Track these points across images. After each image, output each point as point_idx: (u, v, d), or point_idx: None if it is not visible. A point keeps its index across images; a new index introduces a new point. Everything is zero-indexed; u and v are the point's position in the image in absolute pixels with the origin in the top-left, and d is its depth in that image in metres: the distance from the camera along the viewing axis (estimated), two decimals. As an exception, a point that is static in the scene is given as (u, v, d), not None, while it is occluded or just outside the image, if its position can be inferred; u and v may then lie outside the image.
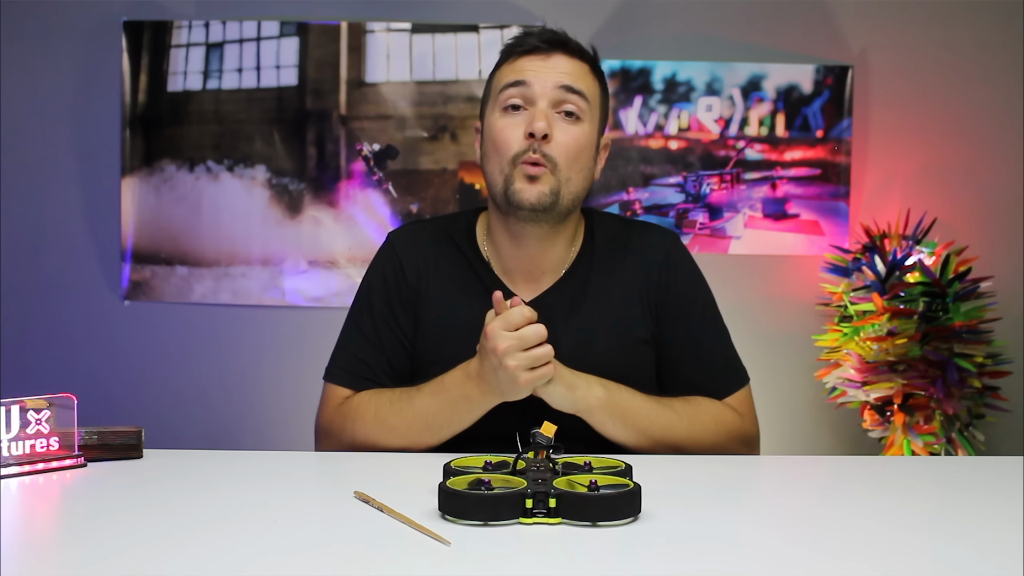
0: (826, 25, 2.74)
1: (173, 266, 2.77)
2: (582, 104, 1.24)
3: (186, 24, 2.75)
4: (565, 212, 1.26)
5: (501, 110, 1.25)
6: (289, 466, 1.15)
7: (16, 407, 1.08)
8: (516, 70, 1.24)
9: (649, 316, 1.31)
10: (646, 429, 1.21)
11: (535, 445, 0.98)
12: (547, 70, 1.23)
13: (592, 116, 1.26)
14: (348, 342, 1.34)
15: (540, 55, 1.24)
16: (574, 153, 1.23)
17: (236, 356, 2.78)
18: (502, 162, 1.23)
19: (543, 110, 1.22)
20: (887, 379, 2.40)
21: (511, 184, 1.22)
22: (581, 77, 1.25)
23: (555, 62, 1.24)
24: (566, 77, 1.23)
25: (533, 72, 1.23)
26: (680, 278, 1.33)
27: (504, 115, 1.24)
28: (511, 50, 1.27)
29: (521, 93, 1.23)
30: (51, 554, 0.83)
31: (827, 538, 0.87)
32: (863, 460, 1.34)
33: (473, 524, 0.87)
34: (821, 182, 2.74)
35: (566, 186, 1.23)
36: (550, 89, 1.22)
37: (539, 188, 1.21)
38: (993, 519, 0.93)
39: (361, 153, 2.75)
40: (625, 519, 0.89)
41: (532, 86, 1.22)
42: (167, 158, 2.77)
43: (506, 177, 1.23)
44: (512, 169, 1.22)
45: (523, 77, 1.23)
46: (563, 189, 1.23)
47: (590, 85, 1.26)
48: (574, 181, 1.24)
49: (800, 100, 2.74)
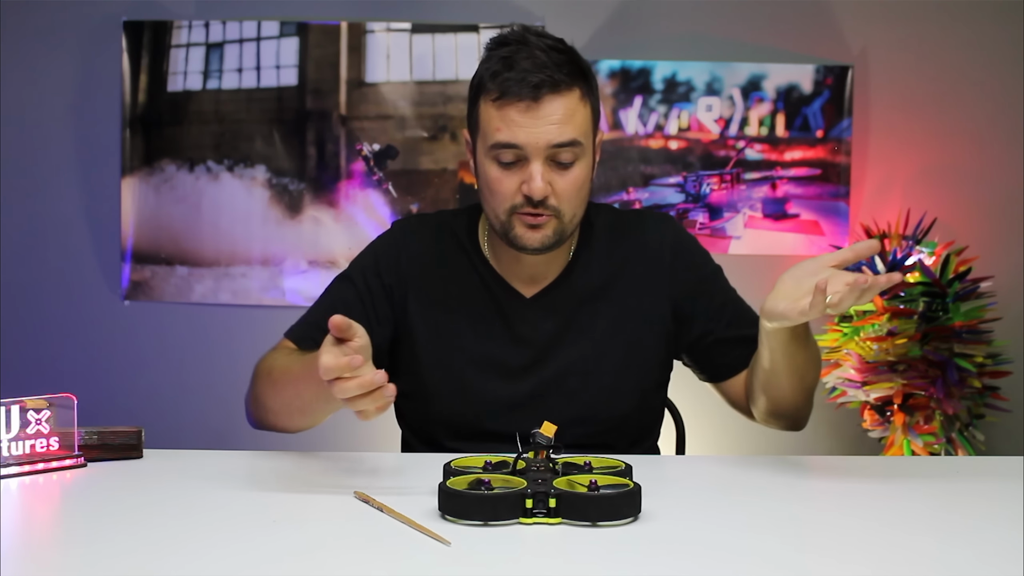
0: (826, 25, 2.74)
1: (173, 266, 2.77)
2: (576, 150, 1.19)
3: (186, 24, 2.74)
4: (568, 238, 1.26)
5: (494, 162, 1.20)
6: (289, 466, 1.15)
7: (16, 407, 1.08)
8: (505, 122, 1.17)
9: (666, 308, 1.31)
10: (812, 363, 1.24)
11: (535, 445, 0.98)
12: (539, 125, 1.16)
13: (587, 147, 1.21)
14: (316, 305, 1.34)
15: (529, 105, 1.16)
16: (574, 193, 1.21)
17: (236, 356, 2.76)
18: (498, 210, 1.21)
19: (538, 171, 1.17)
20: (887, 379, 2.40)
21: (511, 230, 1.21)
22: (574, 117, 1.18)
23: (546, 110, 1.16)
24: (558, 132, 1.16)
25: (524, 131, 1.16)
26: (694, 266, 1.34)
27: (498, 168, 1.20)
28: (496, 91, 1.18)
29: (514, 153, 1.18)
30: (51, 554, 0.83)
31: (827, 538, 0.87)
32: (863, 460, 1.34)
33: (473, 524, 0.87)
34: (821, 182, 2.74)
35: (571, 223, 1.23)
36: (543, 149, 1.17)
37: (543, 233, 1.20)
38: (993, 519, 0.93)
39: (361, 153, 2.75)
40: (625, 519, 0.89)
41: (525, 148, 1.17)
42: (167, 158, 2.77)
43: (503, 224, 1.21)
44: (510, 218, 1.21)
45: (515, 140, 1.16)
46: (568, 227, 1.22)
47: (582, 120, 1.19)
48: (578, 215, 1.24)
49: (800, 100, 2.74)
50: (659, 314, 1.31)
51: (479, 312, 1.29)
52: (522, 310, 1.29)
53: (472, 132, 1.26)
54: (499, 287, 1.30)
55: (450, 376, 1.28)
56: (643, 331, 1.30)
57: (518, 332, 1.28)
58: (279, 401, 1.21)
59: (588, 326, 1.29)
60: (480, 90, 1.21)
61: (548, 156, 1.18)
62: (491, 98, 1.18)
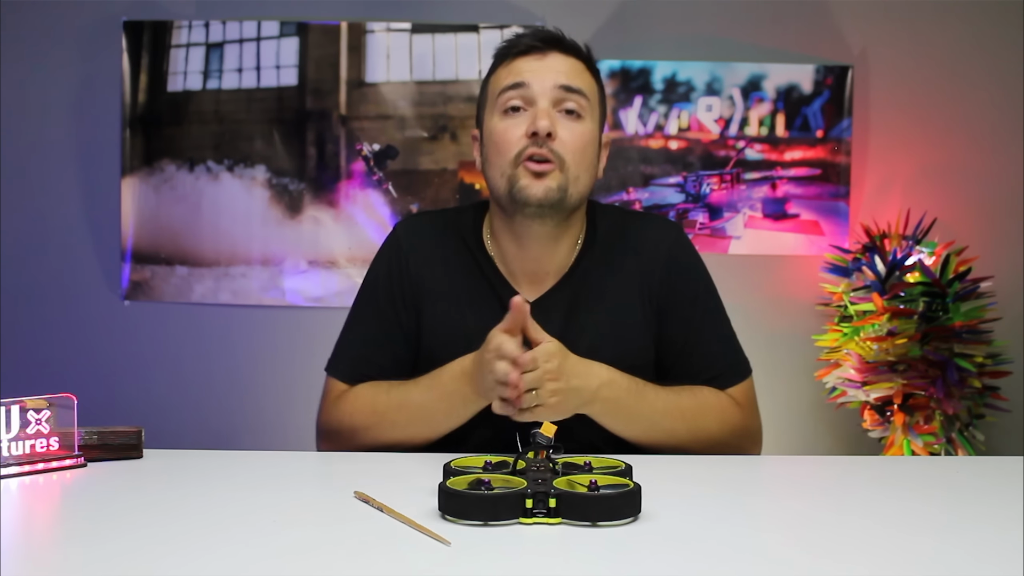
0: (826, 25, 2.74)
1: (173, 266, 2.77)
2: (583, 102, 1.22)
3: (186, 24, 2.75)
4: (571, 210, 1.25)
5: (501, 113, 1.23)
6: (289, 466, 1.15)
7: (16, 407, 1.07)
8: (513, 72, 1.23)
9: (651, 311, 1.30)
10: (649, 422, 1.20)
11: (535, 445, 0.98)
12: (545, 70, 1.22)
13: (593, 114, 1.25)
14: (350, 334, 1.34)
15: (536, 55, 1.23)
16: (580, 149, 1.21)
17: (236, 356, 2.78)
18: (503, 163, 1.21)
19: (545, 109, 1.20)
20: (887, 379, 2.40)
21: (516, 182, 1.20)
22: (579, 75, 1.24)
23: (552, 61, 1.23)
24: (564, 76, 1.22)
25: (531, 72, 1.21)
26: (683, 272, 1.32)
27: (504, 117, 1.22)
28: (506, 52, 1.25)
29: (520, 95, 1.21)
30: (51, 554, 0.83)
31: (827, 538, 0.87)
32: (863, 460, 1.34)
33: (473, 524, 0.87)
34: (821, 182, 2.74)
35: (574, 185, 1.22)
36: (550, 89, 1.20)
37: (546, 183, 1.19)
38: (993, 519, 0.93)
39: (361, 153, 2.75)
40: (625, 519, 0.88)
41: (531, 86, 1.21)
42: (167, 158, 2.77)
43: (509, 177, 1.21)
44: (515, 168, 1.20)
45: (521, 79, 1.21)
46: (571, 188, 1.21)
47: (589, 83, 1.25)
48: (582, 180, 1.23)
49: (800, 100, 2.74)
50: (651, 317, 1.31)
51: (486, 315, 1.28)
52: None
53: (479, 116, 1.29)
54: (503, 289, 1.29)
55: None
56: (639, 334, 1.30)
57: None
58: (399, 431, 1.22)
59: (588, 328, 1.28)
60: (491, 70, 1.27)
61: (555, 99, 1.21)
62: (501, 62, 1.25)
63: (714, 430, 1.23)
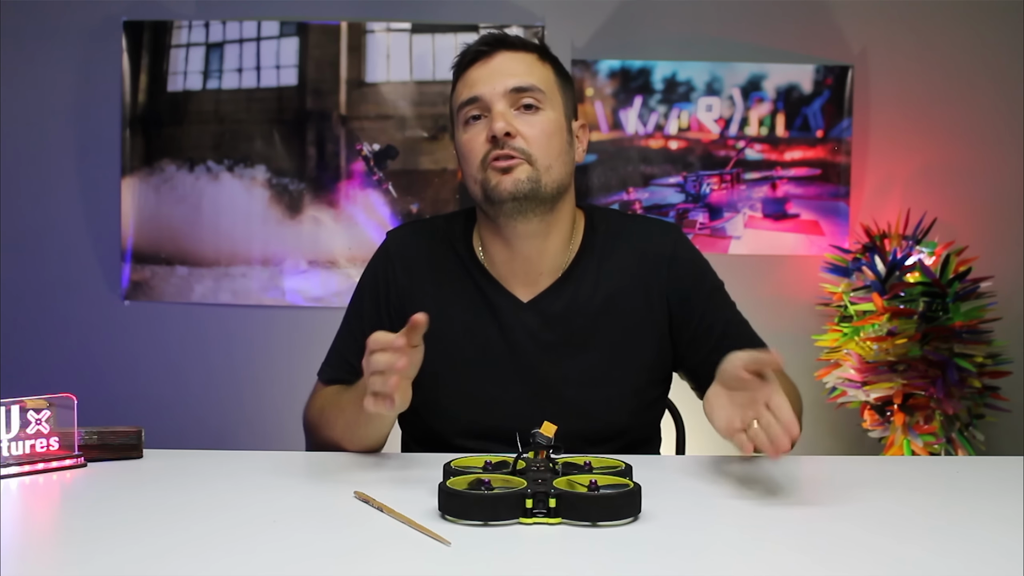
0: (826, 25, 2.74)
1: (173, 266, 2.77)
2: (538, 95, 1.24)
3: (186, 24, 2.75)
4: (549, 199, 1.25)
5: (463, 126, 1.26)
6: (289, 466, 1.15)
7: (16, 407, 1.08)
8: (467, 84, 1.25)
9: (661, 313, 1.30)
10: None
11: (535, 445, 0.98)
12: (494, 76, 1.24)
13: (553, 101, 1.26)
14: (338, 342, 1.37)
15: (483, 60, 1.25)
16: (544, 140, 1.23)
17: (236, 356, 2.78)
18: (473, 170, 1.24)
19: (500, 112, 1.22)
20: (887, 379, 2.40)
21: (487, 184, 1.23)
22: (529, 70, 1.25)
23: (499, 63, 1.24)
24: (512, 78, 1.23)
25: (482, 82, 1.24)
26: (690, 269, 1.33)
27: (467, 129, 1.25)
28: (458, 65, 1.28)
29: (477, 107, 1.24)
30: (51, 554, 0.83)
31: (827, 538, 0.87)
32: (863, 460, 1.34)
33: (473, 524, 0.87)
34: (821, 182, 2.74)
35: (547, 174, 1.23)
36: (501, 94, 1.22)
37: (514, 176, 1.21)
38: (993, 519, 0.93)
39: (361, 153, 2.75)
40: (625, 519, 0.88)
41: (484, 96, 1.23)
42: (167, 158, 2.77)
43: (480, 182, 1.24)
44: (484, 172, 1.23)
45: (474, 92, 1.24)
46: (544, 177, 1.23)
47: (541, 74, 1.26)
48: (555, 168, 1.24)
49: (800, 100, 2.74)
50: (656, 325, 1.30)
51: (475, 319, 1.28)
52: (518, 314, 1.28)
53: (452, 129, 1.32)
54: (495, 291, 1.29)
55: (449, 382, 1.27)
56: (640, 342, 1.29)
57: (513, 337, 1.27)
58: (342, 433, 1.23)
59: (584, 334, 1.27)
60: (452, 86, 1.30)
61: (509, 103, 1.23)
62: (457, 76, 1.28)
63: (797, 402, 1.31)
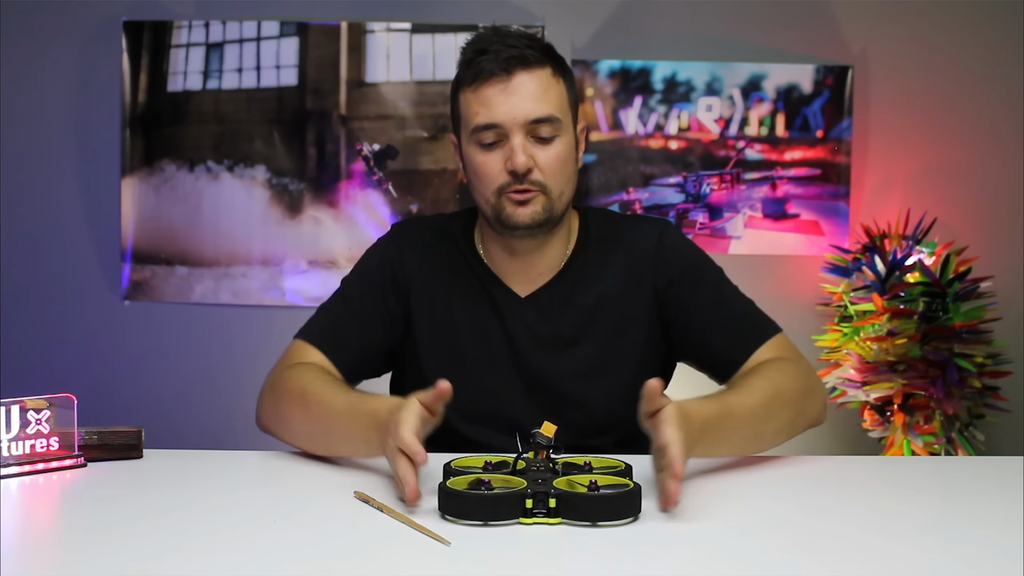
0: (826, 25, 2.74)
1: (173, 266, 2.77)
2: (555, 125, 1.23)
3: (186, 24, 2.74)
4: (558, 220, 1.27)
5: (477, 146, 1.24)
6: (289, 466, 1.15)
7: (16, 407, 1.08)
8: (484, 104, 1.21)
9: (653, 309, 1.30)
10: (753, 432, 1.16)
11: (535, 445, 0.98)
12: (514, 99, 1.21)
13: (566, 124, 1.25)
14: (328, 306, 1.33)
15: (501, 79, 1.21)
16: (559, 169, 1.23)
17: (236, 356, 2.78)
18: (487, 193, 1.24)
19: (519, 144, 1.20)
20: (887, 379, 2.40)
21: (501, 211, 1.23)
22: (546, 94, 1.22)
23: (518, 85, 1.21)
24: (533, 108, 1.21)
25: (501, 110, 1.20)
26: (677, 260, 1.32)
27: (481, 151, 1.24)
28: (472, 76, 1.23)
29: (495, 133, 1.22)
30: (51, 554, 0.83)
31: (827, 539, 0.87)
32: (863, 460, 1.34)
33: (473, 524, 0.87)
34: (821, 182, 2.74)
35: (559, 201, 1.24)
36: (521, 125, 1.21)
37: (532, 209, 1.22)
38: (993, 519, 0.93)
39: (361, 153, 2.75)
40: (625, 519, 0.89)
41: (504, 125, 1.21)
42: (167, 158, 2.77)
43: (494, 206, 1.24)
44: (498, 199, 1.23)
45: (494, 120, 1.21)
46: (556, 204, 1.24)
47: (557, 97, 1.24)
48: (566, 193, 1.26)
49: (800, 100, 2.74)
50: (648, 318, 1.31)
51: (475, 311, 1.30)
52: (517, 309, 1.30)
53: (455, 127, 1.30)
54: (494, 286, 1.31)
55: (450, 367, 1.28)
56: (634, 335, 1.30)
57: (512, 331, 1.29)
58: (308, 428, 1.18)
59: (579, 328, 1.29)
60: (458, 84, 1.26)
61: (527, 132, 1.21)
62: (468, 85, 1.24)
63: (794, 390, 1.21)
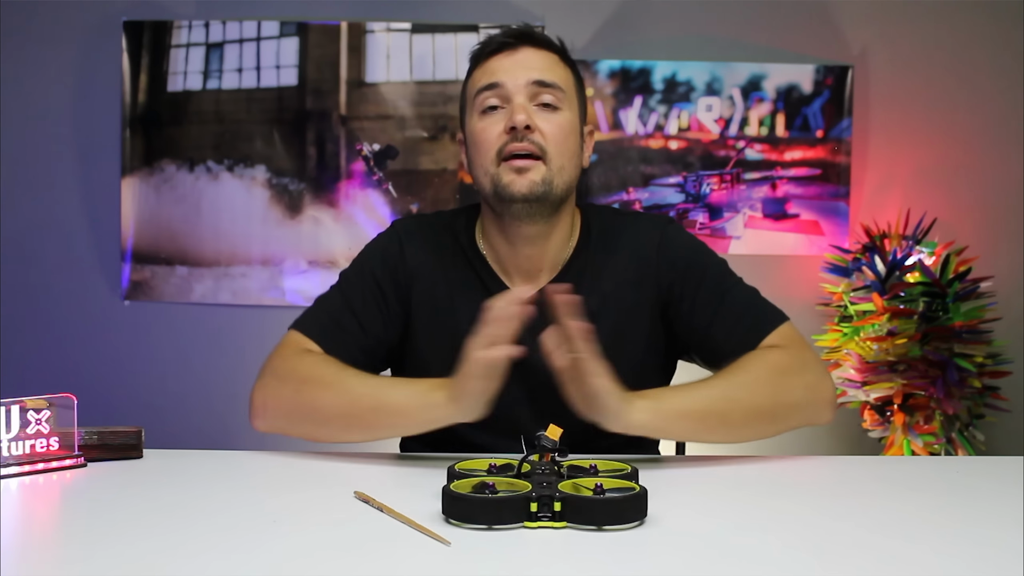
0: (826, 25, 2.74)
1: (173, 266, 2.77)
2: (559, 94, 1.24)
3: (186, 24, 2.74)
4: (558, 202, 1.25)
5: (479, 114, 1.25)
6: (289, 466, 1.15)
7: (16, 407, 1.07)
8: (488, 72, 1.25)
9: (656, 307, 1.30)
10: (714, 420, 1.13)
11: (540, 448, 0.97)
12: (518, 67, 1.23)
13: (571, 104, 1.26)
14: (327, 301, 1.32)
15: (508, 51, 1.25)
16: (560, 140, 1.22)
17: (236, 356, 2.77)
18: (486, 162, 1.23)
19: (521, 104, 1.21)
20: (887, 379, 2.41)
21: (499, 180, 1.21)
22: (552, 68, 1.25)
23: (524, 57, 1.24)
24: (537, 72, 1.23)
25: (504, 71, 1.23)
26: (679, 258, 1.31)
27: (483, 117, 1.24)
28: (479, 53, 1.28)
29: (496, 94, 1.23)
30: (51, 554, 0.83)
31: (829, 539, 0.87)
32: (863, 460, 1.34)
33: (477, 528, 0.87)
34: (821, 182, 2.74)
35: (559, 175, 1.22)
36: (524, 85, 1.22)
37: (530, 177, 1.20)
38: (993, 519, 0.93)
39: (361, 153, 2.75)
40: (631, 523, 0.88)
41: (505, 85, 1.22)
42: (167, 158, 2.76)
43: (492, 176, 1.22)
44: (497, 167, 1.22)
45: (495, 79, 1.23)
46: (556, 179, 1.22)
47: (563, 75, 1.26)
48: (567, 170, 1.24)
49: (800, 100, 2.74)
50: (651, 317, 1.30)
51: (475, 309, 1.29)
52: None
53: (462, 115, 1.31)
54: (495, 283, 1.30)
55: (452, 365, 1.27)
56: (636, 334, 1.30)
57: None
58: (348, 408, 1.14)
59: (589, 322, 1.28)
60: (468, 73, 1.29)
61: (530, 95, 1.22)
62: (475, 66, 1.27)
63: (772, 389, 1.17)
